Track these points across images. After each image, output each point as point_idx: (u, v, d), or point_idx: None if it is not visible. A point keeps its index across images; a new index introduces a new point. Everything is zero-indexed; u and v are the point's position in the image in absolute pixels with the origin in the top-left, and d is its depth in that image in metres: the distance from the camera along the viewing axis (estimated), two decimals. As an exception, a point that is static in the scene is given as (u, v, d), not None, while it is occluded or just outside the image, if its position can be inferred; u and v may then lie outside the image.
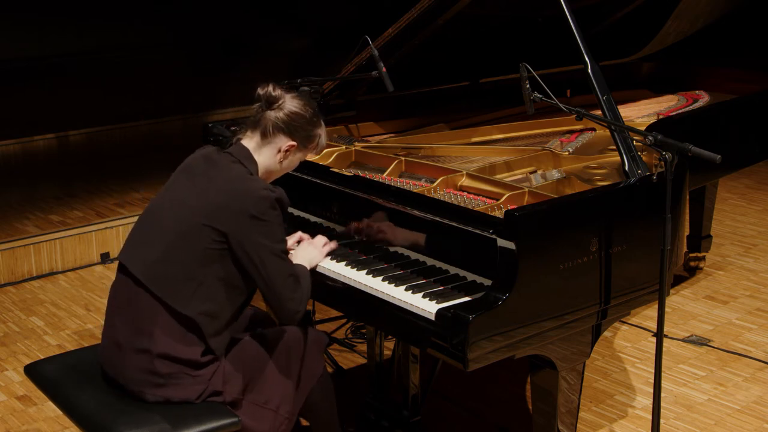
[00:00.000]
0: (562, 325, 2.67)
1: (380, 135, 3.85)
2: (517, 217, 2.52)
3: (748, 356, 4.03)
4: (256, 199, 2.52)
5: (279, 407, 2.68)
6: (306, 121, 2.68)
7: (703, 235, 4.83)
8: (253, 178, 2.60)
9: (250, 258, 2.53)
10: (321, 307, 4.23)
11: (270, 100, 2.66)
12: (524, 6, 3.85)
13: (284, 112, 2.65)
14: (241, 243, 2.52)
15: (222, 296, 2.57)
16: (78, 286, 4.93)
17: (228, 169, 2.61)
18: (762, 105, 4.31)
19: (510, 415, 3.58)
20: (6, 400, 3.74)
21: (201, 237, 2.53)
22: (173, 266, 2.55)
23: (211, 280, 2.55)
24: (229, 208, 2.52)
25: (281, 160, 2.69)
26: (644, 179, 2.90)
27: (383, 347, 3.33)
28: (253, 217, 2.51)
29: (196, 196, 2.58)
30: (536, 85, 2.91)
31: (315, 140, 2.73)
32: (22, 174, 6.55)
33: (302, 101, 2.70)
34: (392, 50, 3.64)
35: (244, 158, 2.64)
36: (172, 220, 2.59)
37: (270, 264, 2.54)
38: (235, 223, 2.51)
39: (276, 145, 2.67)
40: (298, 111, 2.67)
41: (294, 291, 2.59)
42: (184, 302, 2.54)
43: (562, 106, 2.87)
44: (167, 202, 2.64)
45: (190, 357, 2.57)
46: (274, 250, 2.54)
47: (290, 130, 2.66)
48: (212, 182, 2.58)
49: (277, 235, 2.56)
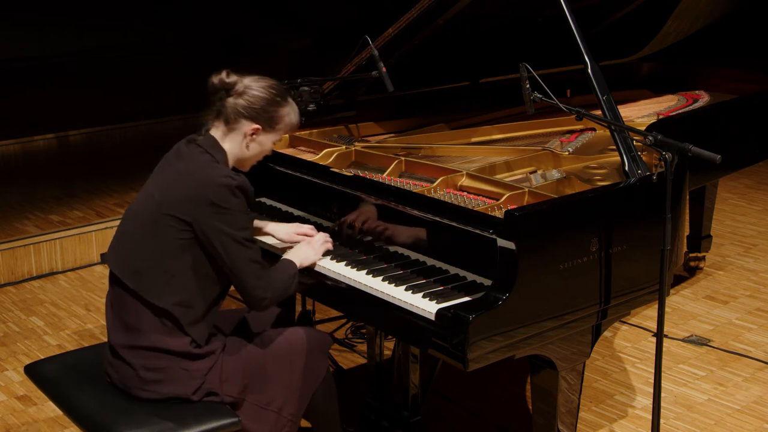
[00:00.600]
0: (562, 325, 2.67)
1: (380, 135, 3.85)
2: (517, 217, 2.52)
3: (748, 356, 4.03)
4: (215, 187, 2.53)
5: (282, 409, 2.67)
6: (267, 102, 2.64)
7: (703, 235, 4.83)
8: (215, 166, 2.60)
9: (214, 246, 2.54)
10: (321, 307, 4.23)
11: (227, 87, 2.63)
12: (524, 6, 3.85)
13: (243, 97, 2.63)
14: (204, 231, 2.54)
15: (194, 286, 2.58)
16: (78, 286, 4.93)
17: (194, 159, 2.62)
18: (762, 105, 4.30)
19: (510, 415, 3.58)
20: (6, 400, 3.74)
21: (168, 228, 2.55)
22: (145, 259, 2.57)
23: (183, 271, 2.57)
24: (190, 197, 2.54)
25: (248, 144, 2.67)
26: (644, 179, 2.90)
27: (383, 347, 3.33)
28: (213, 205, 2.52)
29: (163, 188, 2.60)
30: (536, 85, 2.91)
31: (281, 121, 2.69)
32: (22, 174, 6.55)
33: (263, 82, 2.66)
34: (392, 50, 3.64)
35: (210, 147, 2.64)
36: (142, 214, 2.62)
37: (233, 251, 2.54)
38: (197, 212, 2.53)
39: (240, 131, 2.65)
40: (257, 94, 2.64)
41: (259, 278, 2.59)
42: (157, 294, 2.56)
43: (562, 106, 2.87)
44: (141, 198, 2.67)
45: (180, 348, 2.58)
46: (236, 238, 2.54)
47: (251, 114, 2.63)
48: (177, 175, 2.60)
49: (239, 223, 2.55)
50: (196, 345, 2.60)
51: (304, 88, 3.62)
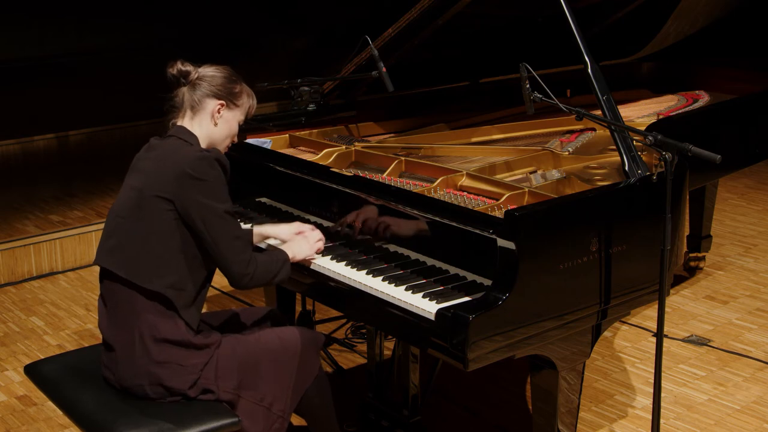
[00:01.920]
0: (562, 325, 2.67)
1: (380, 135, 3.85)
2: (517, 217, 2.52)
3: (748, 356, 4.03)
4: (192, 160, 2.58)
5: (272, 405, 2.69)
6: (226, 79, 2.75)
7: (703, 235, 4.83)
8: (190, 145, 2.67)
9: (194, 220, 2.58)
10: (321, 307, 4.23)
11: (184, 74, 2.74)
12: (524, 6, 3.85)
13: (204, 79, 2.73)
14: (185, 206, 2.57)
15: (184, 268, 2.60)
16: (78, 286, 4.93)
17: (167, 146, 2.68)
18: (762, 105, 4.31)
19: (510, 415, 3.58)
20: (6, 400, 3.74)
21: (152, 210, 2.58)
22: (132, 246, 2.60)
23: (172, 253, 2.59)
24: (168, 174, 2.58)
25: (216, 122, 2.74)
26: (644, 179, 2.90)
27: (383, 347, 3.33)
28: (191, 178, 2.56)
29: (142, 176, 2.65)
30: (536, 85, 2.91)
31: (241, 96, 2.78)
32: (22, 174, 6.55)
33: (214, 65, 2.79)
34: (392, 50, 3.64)
35: (182, 134, 2.71)
36: (124, 205, 2.66)
37: (214, 225, 2.58)
38: (177, 187, 2.56)
39: (207, 111, 2.73)
40: (213, 73, 2.75)
41: (240, 253, 2.62)
42: (148, 278, 2.58)
43: (562, 106, 2.87)
44: (121, 196, 2.71)
45: (177, 336, 2.59)
46: (216, 211, 2.58)
47: (214, 92, 2.73)
48: (152, 161, 2.66)
49: (218, 195, 2.59)
50: (190, 330, 2.61)
51: (304, 88, 3.62)
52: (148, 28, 7.41)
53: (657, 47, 4.84)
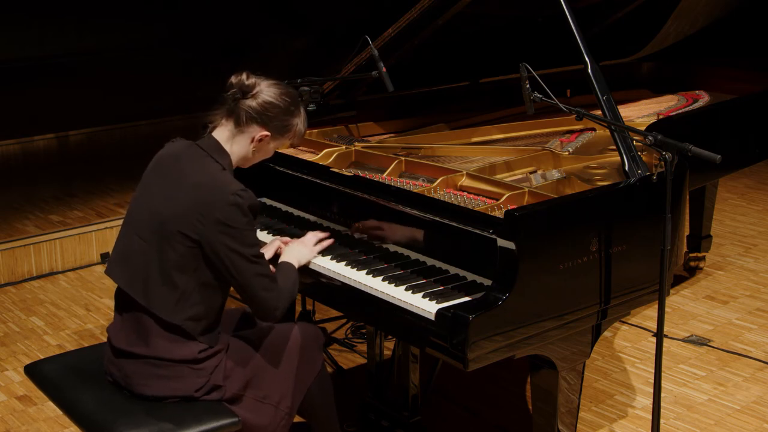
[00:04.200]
0: (562, 325, 2.67)
1: (380, 135, 3.85)
2: (517, 217, 2.52)
3: (748, 356, 4.03)
4: (225, 206, 2.49)
5: (279, 402, 2.69)
6: (281, 110, 2.64)
7: (703, 235, 4.83)
8: (223, 179, 2.55)
9: (224, 263, 2.52)
10: (321, 307, 4.23)
11: (244, 89, 2.61)
12: (524, 6, 3.85)
13: (258, 102, 2.61)
14: (214, 249, 2.51)
15: (205, 299, 2.58)
16: (78, 286, 4.93)
17: (198, 168, 2.58)
18: (762, 105, 4.30)
19: (510, 415, 3.58)
20: (6, 400, 3.74)
21: (176, 245, 2.52)
22: (153, 276, 2.55)
23: (192, 286, 2.55)
24: (198, 215, 2.50)
25: (255, 149, 2.66)
26: (644, 179, 2.90)
27: (383, 347, 3.33)
28: (223, 225, 2.49)
29: (168, 203, 2.56)
30: (536, 85, 2.91)
31: (291, 130, 2.69)
32: (22, 174, 6.54)
33: (279, 89, 2.65)
34: (392, 50, 3.64)
35: (214, 151, 2.61)
36: (148, 230, 2.58)
37: (243, 269, 2.53)
38: (206, 230, 2.50)
39: (250, 134, 2.63)
40: (272, 101, 2.62)
41: (269, 290, 2.58)
42: (169, 311, 2.55)
43: (562, 106, 2.87)
44: (144, 211, 2.62)
45: (187, 356, 2.58)
46: (245, 255, 2.52)
47: (264, 120, 2.62)
48: (182, 187, 2.56)
49: (248, 240, 2.53)
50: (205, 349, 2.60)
51: (304, 88, 3.62)
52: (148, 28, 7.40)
53: (657, 47, 4.84)
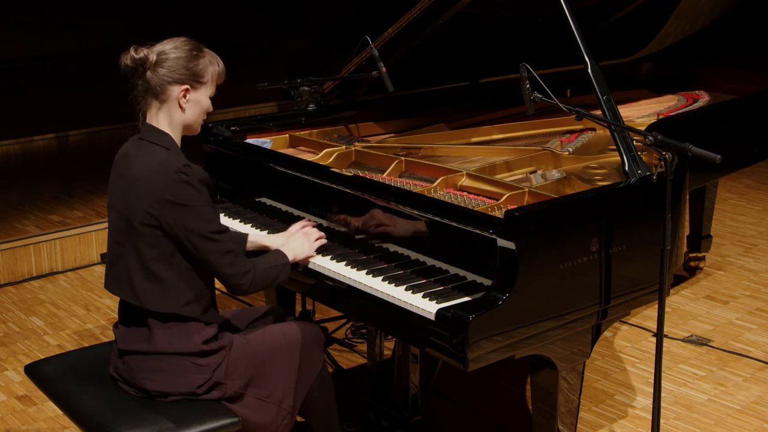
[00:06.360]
0: (562, 325, 2.67)
1: (380, 135, 3.85)
2: (517, 217, 2.52)
3: (748, 356, 4.03)
4: (170, 184, 2.49)
5: (281, 401, 2.70)
6: (184, 58, 2.58)
7: (703, 235, 4.83)
8: (167, 161, 2.54)
9: (182, 242, 2.53)
10: (321, 307, 4.23)
11: (141, 62, 2.58)
12: (524, 6, 3.85)
13: (161, 65, 2.57)
14: (173, 232, 2.52)
15: (195, 280, 2.59)
16: (78, 286, 4.93)
17: (144, 158, 2.58)
18: (762, 105, 4.30)
19: (510, 415, 3.58)
20: (6, 400, 3.74)
21: (145, 238, 2.53)
22: (138, 275, 2.56)
23: (176, 273, 2.56)
24: (153, 202, 2.50)
25: (183, 108, 2.62)
26: (644, 179, 2.90)
27: (383, 347, 3.33)
28: (175, 204, 2.49)
29: (126, 200, 2.57)
30: (536, 85, 2.91)
31: (205, 70, 2.63)
32: (22, 174, 6.54)
33: (172, 43, 2.60)
34: (392, 50, 3.64)
35: (153, 136, 2.60)
36: (119, 232, 2.60)
37: (203, 247, 2.53)
38: (163, 215, 2.50)
39: (172, 97, 2.60)
40: (173, 55, 2.58)
41: (233, 266, 2.57)
42: (162, 304, 2.56)
43: (562, 106, 2.87)
44: (113, 216, 2.64)
45: (191, 349, 2.59)
46: (202, 233, 2.52)
47: (175, 78, 2.58)
48: (134, 181, 2.55)
49: (204, 216, 2.52)
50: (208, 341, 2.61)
51: (304, 88, 3.62)
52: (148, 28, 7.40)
53: (657, 47, 4.84)
